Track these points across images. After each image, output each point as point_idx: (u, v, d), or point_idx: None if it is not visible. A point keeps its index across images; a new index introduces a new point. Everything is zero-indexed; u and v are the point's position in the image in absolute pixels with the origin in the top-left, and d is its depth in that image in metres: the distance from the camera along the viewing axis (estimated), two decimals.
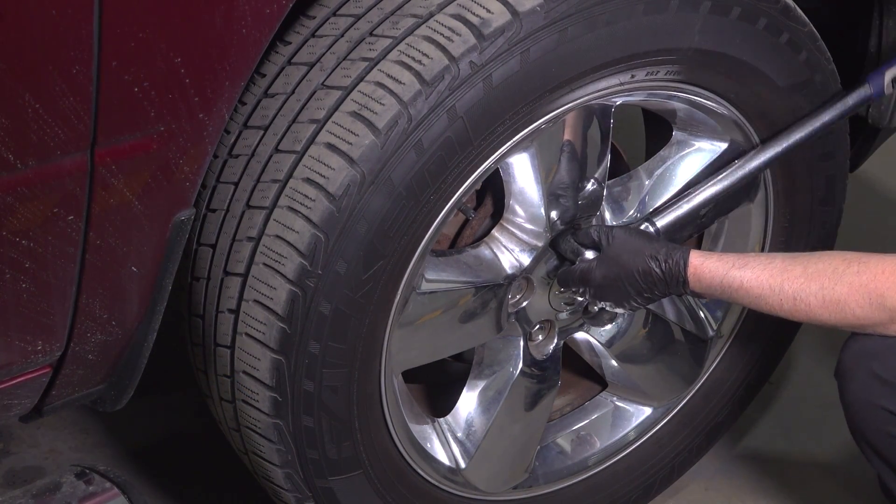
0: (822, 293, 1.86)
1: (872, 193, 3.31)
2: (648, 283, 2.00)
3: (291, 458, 1.94)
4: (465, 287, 2.02)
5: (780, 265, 1.91)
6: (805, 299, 1.88)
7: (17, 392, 1.79)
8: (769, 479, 2.58)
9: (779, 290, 1.90)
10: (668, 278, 1.98)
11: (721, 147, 2.16)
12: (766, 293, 1.91)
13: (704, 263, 1.96)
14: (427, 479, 2.12)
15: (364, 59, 1.79)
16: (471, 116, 1.80)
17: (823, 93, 2.16)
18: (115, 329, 1.80)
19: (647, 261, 1.99)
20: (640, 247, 2.01)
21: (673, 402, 2.39)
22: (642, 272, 1.99)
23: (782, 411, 2.73)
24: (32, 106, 1.53)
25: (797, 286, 1.88)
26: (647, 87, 2.00)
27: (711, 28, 1.97)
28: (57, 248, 1.65)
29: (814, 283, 1.87)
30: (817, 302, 1.87)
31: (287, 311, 1.82)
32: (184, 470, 2.49)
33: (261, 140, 1.83)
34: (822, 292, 1.87)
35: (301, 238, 1.79)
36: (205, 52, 1.64)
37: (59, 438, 2.51)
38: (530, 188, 2.00)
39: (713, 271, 1.95)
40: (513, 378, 2.16)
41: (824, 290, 1.86)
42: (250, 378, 1.88)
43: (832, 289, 1.86)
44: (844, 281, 1.85)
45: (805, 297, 1.88)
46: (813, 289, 1.87)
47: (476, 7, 1.79)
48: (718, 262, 1.96)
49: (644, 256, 2.00)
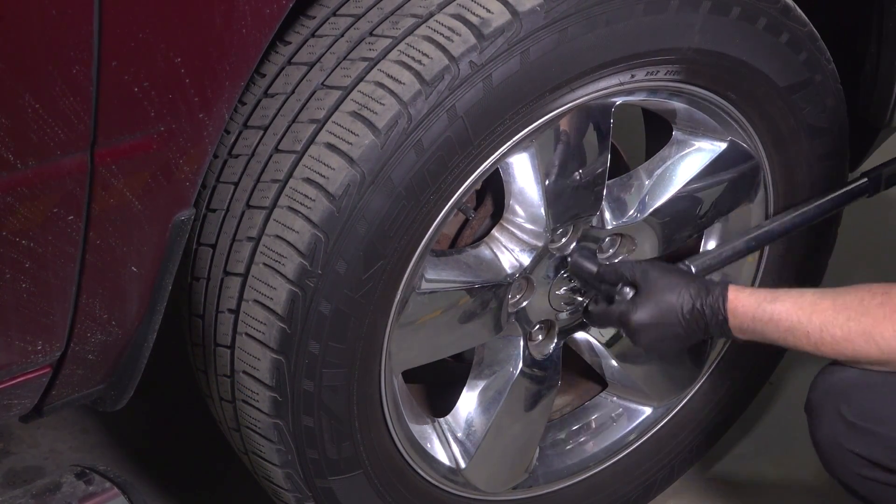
0: (849, 324, 1.86)
1: None
2: (691, 322, 1.97)
3: (291, 457, 1.94)
4: (465, 287, 2.02)
5: (810, 298, 1.91)
6: (831, 331, 1.87)
7: (17, 392, 1.79)
8: (769, 480, 2.58)
9: (807, 322, 1.89)
10: (710, 315, 1.95)
11: (721, 147, 2.16)
12: (795, 325, 1.90)
13: (738, 297, 1.95)
14: (427, 479, 2.12)
15: (364, 59, 1.80)
16: (471, 116, 1.80)
17: (823, 93, 2.16)
18: (115, 329, 1.80)
19: (690, 299, 1.96)
20: (678, 283, 1.98)
21: (673, 402, 2.39)
22: (687, 311, 1.96)
23: (782, 411, 2.73)
24: (32, 106, 1.54)
25: (825, 318, 1.88)
26: (646, 87, 2.00)
27: (711, 28, 1.97)
28: (57, 248, 1.65)
29: (841, 314, 1.87)
30: (842, 333, 1.86)
31: (287, 310, 1.82)
32: (184, 470, 2.49)
33: (261, 140, 1.84)
34: (848, 323, 1.86)
35: (301, 238, 1.79)
36: (205, 52, 1.64)
37: (59, 438, 2.51)
38: (530, 188, 2.00)
39: (746, 305, 1.94)
40: (513, 378, 2.16)
41: (851, 321, 1.86)
42: (250, 378, 1.88)
43: (858, 320, 1.85)
44: (871, 313, 1.85)
45: (831, 328, 1.87)
46: (840, 320, 1.87)
47: (476, 7, 1.79)
48: (752, 296, 1.95)
49: (686, 293, 1.97)
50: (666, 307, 1.97)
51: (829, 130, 2.21)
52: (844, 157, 2.29)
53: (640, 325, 1.99)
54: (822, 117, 2.18)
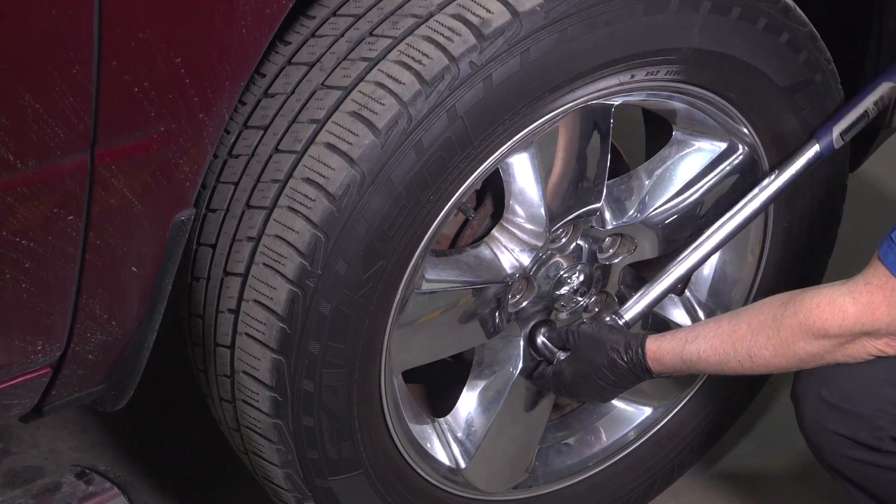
0: (770, 342, 1.89)
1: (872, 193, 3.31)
2: (616, 374, 2.04)
3: (291, 458, 1.94)
4: (465, 287, 2.02)
5: (727, 327, 1.94)
6: (759, 353, 1.90)
7: (17, 392, 1.79)
8: (769, 480, 2.58)
9: (733, 352, 1.92)
10: (633, 367, 2.02)
11: (721, 147, 2.16)
12: (724, 358, 1.94)
13: (661, 347, 2.00)
14: (427, 479, 2.12)
15: (364, 59, 1.79)
16: (471, 116, 1.80)
17: (823, 93, 2.16)
18: (115, 329, 1.80)
19: (609, 353, 2.04)
20: (602, 340, 2.06)
21: (673, 402, 2.39)
22: (608, 365, 2.04)
23: (782, 411, 2.73)
24: (32, 106, 1.53)
25: (748, 343, 1.91)
26: (647, 87, 2.00)
27: (711, 28, 1.97)
28: (57, 248, 1.65)
29: (760, 335, 1.90)
30: (770, 353, 1.89)
31: (287, 310, 1.82)
32: (184, 470, 2.49)
33: (261, 140, 1.83)
34: (769, 342, 1.89)
35: (301, 238, 1.79)
36: (205, 52, 1.64)
37: (59, 438, 2.51)
38: (530, 188, 2.00)
39: (670, 352, 1.99)
40: (513, 378, 2.16)
41: (770, 339, 1.89)
42: (250, 378, 1.88)
43: (777, 335, 1.88)
44: (785, 324, 1.87)
45: (758, 350, 1.90)
46: (761, 341, 1.89)
47: (476, 7, 1.79)
48: (673, 342, 1.99)
49: (606, 350, 2.04)
50: (592, 367, 2.07)
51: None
52: (844, 158, 2.29)
53: (569, 381, 2.09)
54: (823, 117, 2.18)
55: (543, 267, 2.09)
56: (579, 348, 2.08)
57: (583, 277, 2.15)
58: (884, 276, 1.80)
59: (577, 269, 2.14)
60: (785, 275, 2.34)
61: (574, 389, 2.11)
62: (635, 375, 2.04)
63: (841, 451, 1.95)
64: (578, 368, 2.08)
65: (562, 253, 2.11)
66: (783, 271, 2.34)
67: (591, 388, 2.09)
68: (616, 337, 2.05)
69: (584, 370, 2.07)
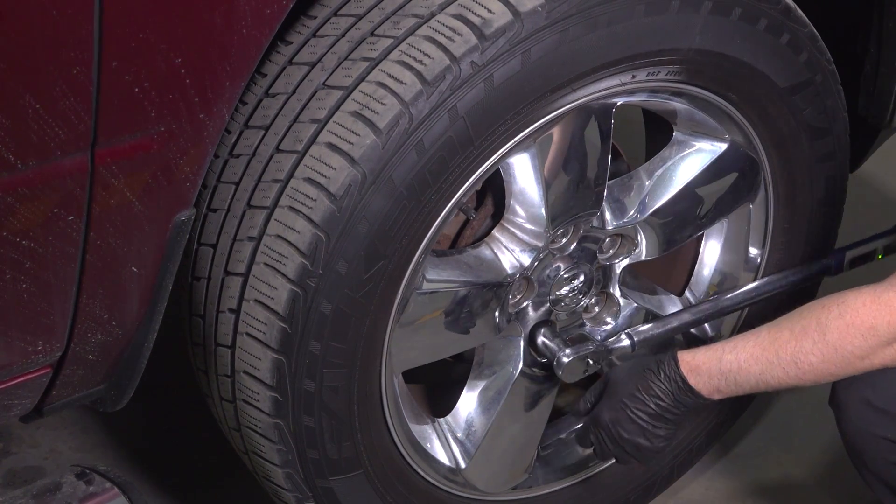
0: (817, 347, 1.84)
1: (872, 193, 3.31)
2: (654, 396, 1.96)
3: (292, 457, 1.94)
4: (465, 287, 2.01)
5: (767, 335, 1.89)
6: (805, 359, 1.85)
7: (17, 392, 1.78)
8: (768, 480, 2.58)
9: (776, 359, 1.86)
10: (668, 383, 1.95)
11: (721, 147, 2.16)
12: (766, 367, 1.88)
13: (696, 358, 1.94)
14: (427, 479, 2.12)
15: (365, 59, 1.79)
16: (472, 116, 1.80)
17: (824, 93, 2.16)
18: (115, 329, 1.80)
19: (644, 375, 1.96)
20: (633, 367, 1.99)
21: None
22: (644, 388, 1.97)
23: (782, 412, 2.73)
24: (32, 106, 1.53)
25: (792, 349, 1.85)
26: (647, 88, 2.00)
27: (712, 29, 1.97)
28: (57, 248, 1.65)
29: (805, 340, 1.84)
30: (817, 358, 1.84)
31: (288, 310, 1.82)
32: (184, 470, 2.49)
33: (262, 140, 1.83)
34: (815, 346, 1.84)
35: (302, 238, 1.79)
36: (205, 52, 1.64)
37: (59, 438, 2.51)
38: (531, 188, 2.00)
39: (707, 362, 1.92)
40: (513, 378, 2.16)
41: (817, 343, 1.84)
42: (251, 378, 1.88)
43: (823, 339, 1.83)
44: (832, 327, 1.83)
45: (804, 356, 1.85)
46: (807, 346, 1.84)
47: (477, 7, 1.79)
48: (708, 352, 1.93)
49: (640, 372, 1.97)
50: (627, 395, 1.98)
51: (830, 131, 2.21)
52: (844, 158, 2.29)
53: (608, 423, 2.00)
54: (823, 118, 2.18)
55: (544, 267, 2.09)
56: (611, 383, 2.00)
57: (583, 277, 2.15)
58: None
59: (578, 270, 2.14)
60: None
61: (616, 433, 2.00)
62: (676, 399, 1.94)
63: (885, 455, 1.91)
64: (612, 405, 1.99)
65: (562, 253, 2.11)
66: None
67: (634, 427, 1.98)
68: (643, 359, 2.00)
69: (619, 403, 1.98)
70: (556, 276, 2.12)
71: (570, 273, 2.13)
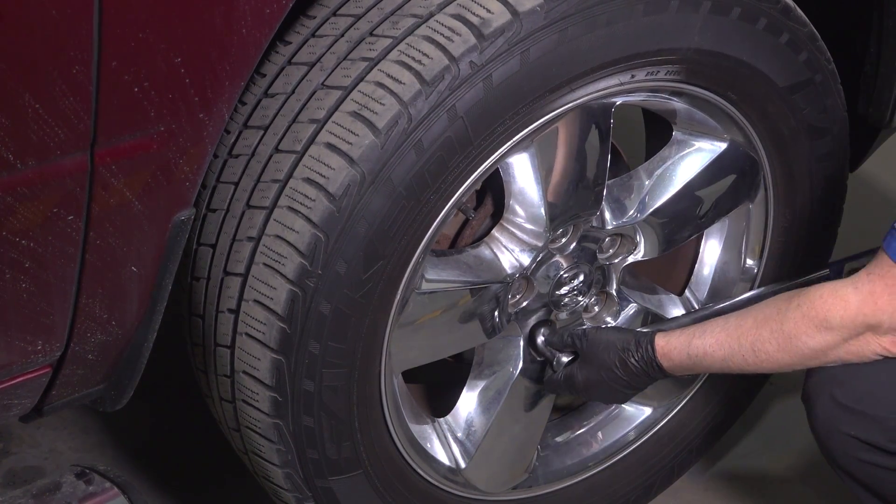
0: (774, 336, 1.88)
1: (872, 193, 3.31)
2: (629, 374, 2.04)
3: (291, 458, 1.94)
4: (465, 287, 2.02)
5: (735, 322, 1.94)
6: (763, 347, 1.90)
7: (17, 392, 1.78)
8: (769, 480, 2.58)
9: (738, 346, 1.92)
10: (644, 365, 2.02)
11: (721, 147, 2.16)
12: (728, 353, 1.93)
13: (669, 342, 2.00)
14: (427, 479, 2.12)
15: (364, 59, 1.79)
16: (471, 116, 1.80)
17: (823, 93, 2.16)
18: (115, 329, 1.80)
19: (620, 354, 2.04)
20: (612, 342, 2.05)
21: (673, 402, 2.39)
22: (620, 366, 2.04)
23: (782, 411, 2.73)
24: (32, 106, 1.53)
25: (753, 337, 1.90)
26: (647, 87, 2.00)
27: (711, 28, 1.97)
28: (57, 248, 1.65)
29: (765, 329, 1.89)
30: (773, 347, 1.89)
31: (287, 310, 1.82)
32: (184, 470, 2.49)
33: (261, 140, 1.83)
34: (773, 335, 1.88)
35: (301, 238, 1.79)
36: (205, 52, 1.64)
37: (59, 438, 2.51)
38: (530, 188, 2.00)
39: (678, 347, 1.99)
40: (513, 378, 2.16)
41: (774, 332, 1.88)
42: (250, 378, 1.88)
43: (780, 329, 1.88)
44: (789, 317, 1.87)
45: (762, 344, 1.90)
46: (765, 335, 1.89)
47: (476, 7, 1.79)
48: (681, 337, 1.99)
49: (617, 351, 2.04)
50: (604, 370, 2.06)
51: (829, 130, 2.21)
52: (844, 158, 2.29)
53: (582, 385, 2.09)
54: (822, 117, 2.18)
55: (543, 267, 2.09)
56: (589, 352, 2.07)
57: (583, 277, 2.15)
58: (886, 265, 1.80)
59: (577, 269, 2.14)
60: (785, 275, 2.34)
61: (587, 393, 2.11)
62: (648, 375, 2.03)
63: (852, 452, 1.93)
64: (590, 373, 2.07)
65: (562, 253, 2.11)
66: (783, 272, 2.34)
67: (606, 391, 2.09)
68: (625, 336, 2.05)
69: (596, 375, 2.06)
70: (555, 276, 2.12)
71: (569, 273, 2.13)
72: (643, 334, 2.04)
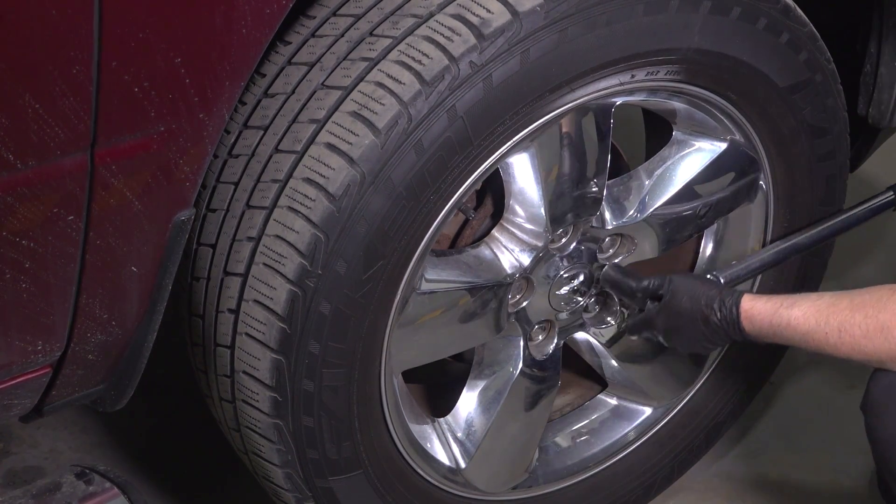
0: (867, 322, 1.86)
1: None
2: (710, 329, 2.04)
3: (291, 458, 1.94)
4: (465, 287, 2.02)
5: (828, 300, 1.93)
6: (850, 330, 1.88)
7: (17, 392, 1.79)
8: (769, 480, 2.58)
9: (825, 323, 1.90)
10: (725, 324, 2.02)
11: (721, 147, 2.16)
12: (813, 328, 1.92)
13: (755, 306, 1.99)
14: (427, 479, 2.12)
15: (364, 59, 1.80)
16: (471, 116, 1.80)
17: (823, 93, 2.16)
18: (115, 329, 1.80)
19: (703, 309, 2.03)
20: (697, 294, 2.05)
21: (673, 403, 2.39)
22: (702, 320, 2.04)
23: (782, 411, 2.73)
24: (32, 106, 1.53)
25: (842, 318, 1.88)
26: (647, 87, 2.00)
27: (711, 28, 1.97)
28: (57, 248, 1.65)
29: (858, 313, 1.87)
30: (861, 332, 1.87)
31: (287, 311, 1.82)
32: (184, 470, 2.49)
33: (261, 140, 1.83)
34: (866, 321, 1.86)
35: (301, 238, 1.79)
36: (205, 52, 1.64)
37: (59, 438, 2.51)
38: (530, 188, 2.00)
39: (762, 312, 1.98)
40: (513, 378, 2.16)
41: (868, 318, 1.86)
42: (250, 378, 1.88)
43: (875, 317, 1.86)
44: (889, 308, 1.85)
45: (849, 327, 1.88)
46: (857, 319, 1.87)
47: (476, 7, 1.79)
48: (768, 304, 1.99)
49: (701, 304, 2.04)
50: (687, 318, 2.06)
51: (829, 130, 2.21)
52: (844, 158, 2.29)
53: (662, 330, 2.10)
54: (822, 117, 2.18)
55: (543, 267, 2.09)
56: (672, 301, 2.06)
57: (583, 277, 2.15)
58: None
59: (577, 269, 2.14)
60: (785, 275, 2.34)
61: (667, 339, 2.10)
62: (727, 335, 2.02)
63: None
64: (670, 321, 2.07)
65: (562, 253, 2.11)
66: (784, 271, 2.34)
67: (685, 341, 2.08)
68: (711, 292, 2.04)
69: (677, 323, 2.06)
70: (555, 276, 2.12)
71: (569, 273, 2.13)
72: (730, 293, 2.03)
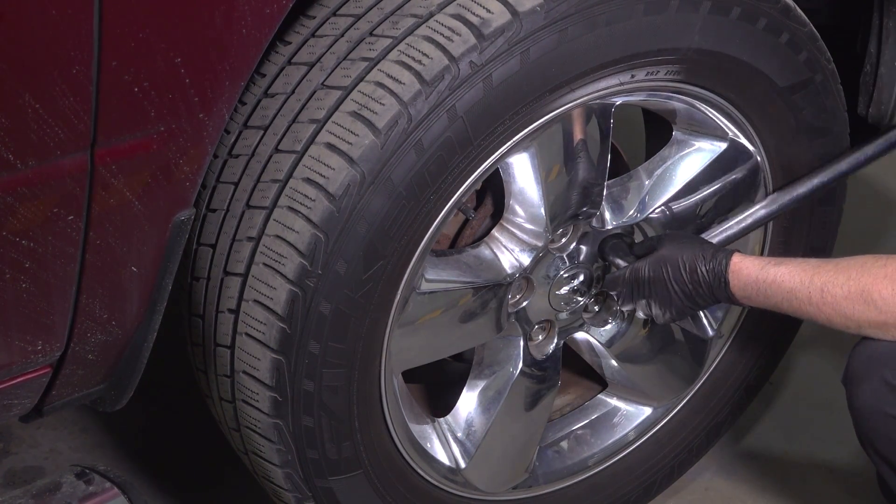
0: (849, 284, 1.89)
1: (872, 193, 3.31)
2: (694, 281, 2.04)
3: (291, 458, 1.94)
4: (465, 287, 2.02)
5: (814, 263, 1.96)
6: (832, 290, 1.90)
7: (17, 392, 1.79)
8: (769, 479, 2.58)
9: (809, 283, 1.93)
10: (712, 277, 2.02)
11: (721, 147, 2.16)
12: (797, 287, 1.94)
13: (744, 261, 2.01)
14: (427, 479, 2.12)
15: (364, 59, 1.80)
16: (471, 116, 1.80)
17: (823, 93, 2.16)
18: (115, 329, 1.80)
19: (693, 258, 2.04)
20: (688, 244, 2.07)
21: (673, 403, 2.39)
22: (689, 269, 2.04)
23: (782, 411, 2.73)
24: (32, 106, 1.53)
25: (826, 278, 1.91)
26: (647, 87, 2.00)
27: (711, 28, 1.97)
28: (57, 248, 1.65)
29: (842, 274, 1.90)
30: (843, 293, 1.90)
31: (287, 311, 1.82)
32: (184, 470, 2.49)
33: (261, 140, 1.84)
34: (848, 283, 1.89)
35: (301, 238, 1.79)
36: (205, 52, 1.64)
37: (59, 438, 2.51)
38: (530, 188, 2.00)
39: (750, 268, 1.99)
40: (513, 378, 2.16)
41: (851, 280, 1.89)
42: (250, 378, 1.88)
43: (858, 279, 1.89)
44: (872, 272, 1.88)
45: (832, 288, 1.90)
46: (840, 279, 1.90)
47: (476, 7, 1.79)
48: (756, 261, 2.01)
49: (692, 252, 2.05)
50: (672, 264, 2.05)
51: (829, 130, 2.21)
52: None
53: (645, 279, 2.08)
54: (822, 117, 2.19)
55: (543, 267, 2.09)
56: (663, 248, 2.07)
57: (583, 277, 2.15)
58: None
59: (577, 269, 2.14)
60: None
61: (648, 292, 2.09)
62: (711, 291, 2.03)
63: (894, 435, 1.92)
64: (656, 269, 2.07)
65: (562, 253, 2.11)
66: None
67: (665, 296, 2.07)
68: (704, 244, 2.07)
69: (663, 270, 2.06)
70: (555, 276, 2.12)
71: (569, 273, 2.13)
72: (722, 249, 2.06)
